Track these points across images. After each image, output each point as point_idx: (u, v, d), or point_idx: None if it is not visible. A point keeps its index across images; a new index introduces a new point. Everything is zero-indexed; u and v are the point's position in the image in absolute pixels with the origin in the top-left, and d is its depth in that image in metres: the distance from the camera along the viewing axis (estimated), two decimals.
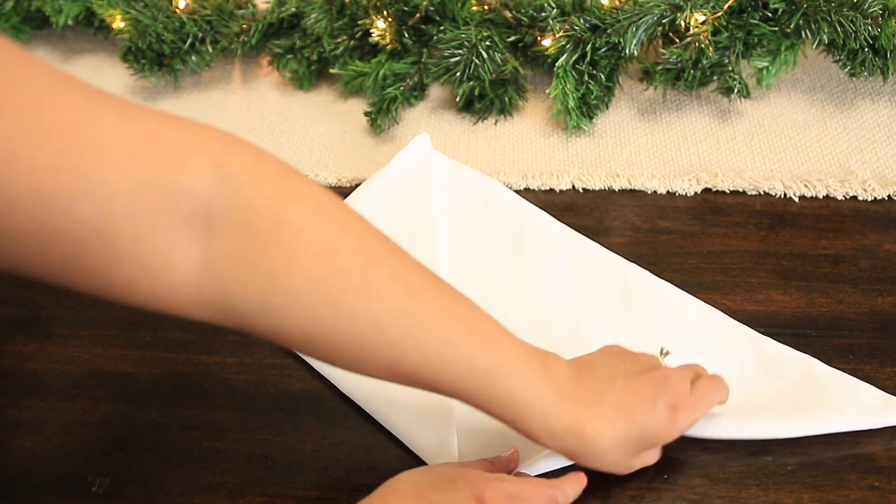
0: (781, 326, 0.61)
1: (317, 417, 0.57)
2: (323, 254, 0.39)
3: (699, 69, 0.74)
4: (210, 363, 0.61)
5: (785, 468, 0.53)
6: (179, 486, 0.54)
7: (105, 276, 0.37)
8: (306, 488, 0.54)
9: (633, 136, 0.76)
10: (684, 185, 0.71)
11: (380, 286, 0.40)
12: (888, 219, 0.68)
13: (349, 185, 0.73)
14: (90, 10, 0.84)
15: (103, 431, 0.57)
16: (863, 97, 0.79)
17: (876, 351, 0.59)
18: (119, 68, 0.85)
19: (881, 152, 0.73)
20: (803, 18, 0.71)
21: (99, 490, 0.54)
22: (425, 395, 0.56)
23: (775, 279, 0.64)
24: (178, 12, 0.80)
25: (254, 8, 0.83)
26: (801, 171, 0.72)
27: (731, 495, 0.52)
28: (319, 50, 0.80)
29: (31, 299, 0.65)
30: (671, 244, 0.66)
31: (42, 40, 0.91)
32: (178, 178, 0.36)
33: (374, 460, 0.55)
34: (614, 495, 0.53)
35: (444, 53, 0.74)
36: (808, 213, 0.69)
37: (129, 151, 0.35)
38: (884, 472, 0.53)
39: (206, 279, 0.38)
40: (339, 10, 0.80)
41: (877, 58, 0.74)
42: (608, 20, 0.73)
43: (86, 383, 0.60)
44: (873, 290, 0.63)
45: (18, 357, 0.62)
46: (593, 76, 0.74)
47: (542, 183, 0.72)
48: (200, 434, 0.57)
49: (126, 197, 0.35)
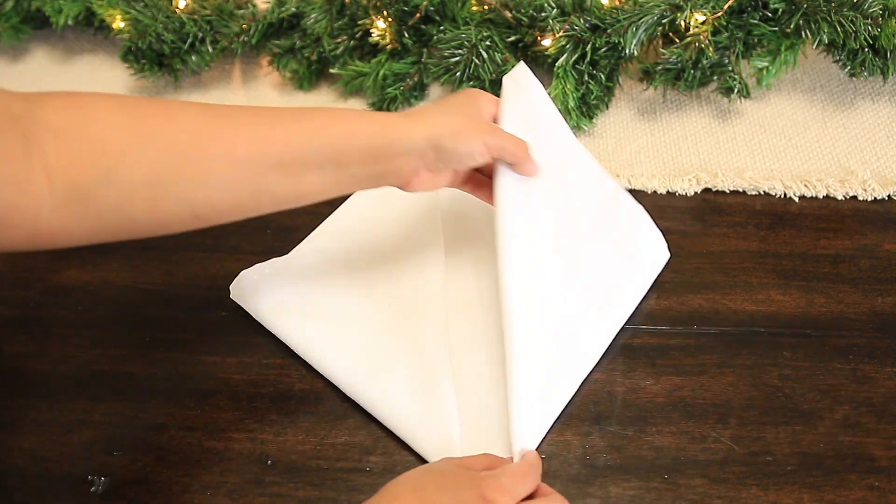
0: (781, 326, 0.61)
1: (317, 417, 0.57)
2: (120, 109, 0.46)
3: (699, 69, 0.74)
4: (210, 363, 0.61)
5: (785, 468, 0.53)
6: (179, 486, 0.54)
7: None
8: (306, 488, 0.54)
9: (633, 136, 0.76)
10: (684, 185, 0.71)
11: (177, 110, 0.47)
12: (888, 219, 0.68)
13: None
14: (90, 10, 0.84)
15: (103, 431, 0.57)
16: (863, 97, 0.79)
17: (876, 351, 0.59)
18: (119, 68, 0.85)
19: (881, 152, 0.73)
20: (803, 18, 0.71)
21: (99, 490, 0.54)
22: (426, 395, 0.57)
23: (775, 279, 0.64)
24: (178, 12, 0.80)
25: (254, 8, 0.83)
26: (801, 171, 0.72)
27: (731, 495, 0.52)
28: (319, 50, 0.80)
29: (31, 299, 0.65)
30: (671, 244, 0.66)
31: (42, 40, 0.91)
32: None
33: (374, 460, 0.55)
34: (614, 495, 0.53)
35: (444, 53, 0.74)
36: (808, 213, 0.69)
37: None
38: (884, 472, 0.53)
39: (54, 178, 0.42)
40: (339, 10, 0.80)
41: (877, 58, 0.74)
42: (608, 20, 0.73)
43: (86, 383, 0.60)
44: (873, 290, 0.63)
45: (18, 357, 0.62)
46: (593, 76, 0.74)
47: None
48: (200, 434, 0.57)
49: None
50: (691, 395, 0.57)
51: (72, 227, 0.44)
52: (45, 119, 0.43)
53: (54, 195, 0.43)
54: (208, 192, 0.47)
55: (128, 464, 0.55)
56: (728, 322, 0.61)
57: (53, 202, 0.43)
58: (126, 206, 0.45)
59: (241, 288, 0.62)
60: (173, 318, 0.64)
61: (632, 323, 0.61)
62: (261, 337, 0.62)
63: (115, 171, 0.44)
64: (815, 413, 0.56)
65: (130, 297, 0.65)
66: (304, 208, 0.69)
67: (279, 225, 0.69)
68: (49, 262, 0.68)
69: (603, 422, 0.56)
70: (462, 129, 0.52)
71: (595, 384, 0.58)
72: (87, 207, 0.44)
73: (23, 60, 0.89)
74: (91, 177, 0.43)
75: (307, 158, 0.48)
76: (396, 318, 0.61)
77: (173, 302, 0.65)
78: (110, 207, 0.44)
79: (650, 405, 0.57)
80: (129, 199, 0.45)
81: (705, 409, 0.57)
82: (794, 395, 0.57)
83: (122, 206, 0.45)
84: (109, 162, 0.44)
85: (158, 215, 0.46)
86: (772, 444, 0.55)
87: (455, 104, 0.54)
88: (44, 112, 0.43)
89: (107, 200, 0.44)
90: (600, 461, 0.54)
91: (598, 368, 0.59)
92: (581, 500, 0.53)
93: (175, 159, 0.45)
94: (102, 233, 0.46)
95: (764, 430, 0.55)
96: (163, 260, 0.67)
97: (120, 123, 0.45)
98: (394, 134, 0.50)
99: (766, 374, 0.58)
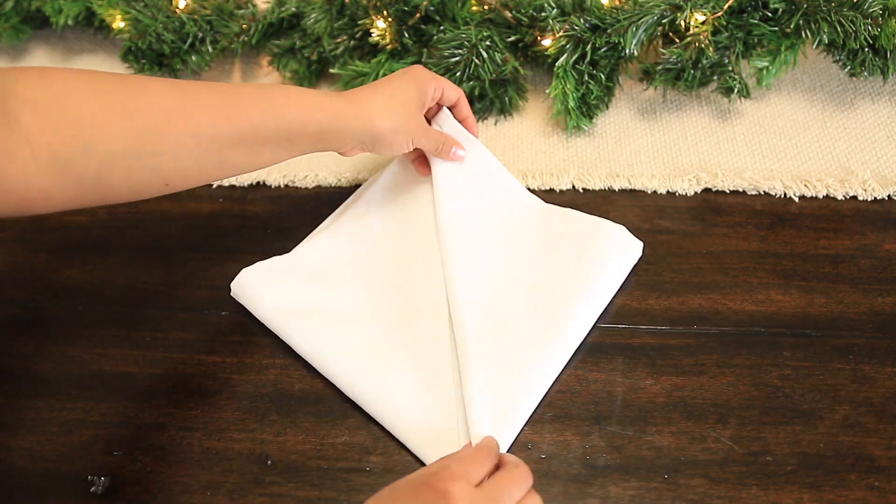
0: (781, 326, 0.61)
1: (317, 417, 0.57)
2: (92, 84, 0.49)
3: (699, 69, 0.74)
4: (210, 363, 0.61)
5: (785, 468, 0.53)
6: (179, 486, 0.54)
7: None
8: (306, 488, 0.54)
9: (633, 136, 0.76)
10: (684, 185, 0.71)
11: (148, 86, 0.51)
12: (888, 219, 0.68)
13: (349, 186, 0.73)
14: (90, 10, 0.84)
15: (103, 431, 0.57)
16: (863, 97, 0.79)
17: (876, 351, 0.59)
18: (119, 68, 0.85)
19: (881, 152, 0.73)
20: (803, 18, 0.71)
21: (99, 490, 0.54)
22: (425, 395, 0.57)
23: (775, 279, 0.64)
24: (178, 12, 0.80)
25: (254, 8, 0.83)
26: (801, 171, 0.72)
27: (731, 495, 0.52)
28: (319, 50, 0.80)
29: (31, 299, 0.65)
30: (671, 244, 0.66)
31: (42, 40, 0.91)
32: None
33: (374, 460, 0.55)
34: (614, 495, 0.53)
35: (444, 53, 0.74)
36: (808, 213, 0.69)
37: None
38: (884, 472, 0.53)
39: (37, 147, 0.46)
40: (339, 10, 0.80)
41: (877, 58, 0.74)
42: (608, 20, 0.73)
43: (86, 383, 0.60)
44: (873, 290, 0.63)
45: (18, 357, 0.62)
46: (593, 76, 0.74)
47: (542, 183, 0.72)
48: (200, 434, 0.57)
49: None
50: (691, 395, 0.57)
51: (55, 192, 0.48)
52: (20, 92, 0.46)
53: (38, 163, 0.46)
54: (178, 164, 0.51)
55: (128, 464, 0.55)
56: (728, 322, 0.61)
57: (38, 169, 0.46)
58: (105, 175, 0.49)
59: (241, 286, 0.62)
60: (173, 318, 0.64)
61: (632, 323, 0.61)
62: (261, 337, 0.62)
63: (95, 143, 0.48)
64: (815, 413, 0.56)
65: (130, 297, 0.65)
66: (304, 208, 0.70)
67: (279, 225, 0.69)
68: (49, 262, 0.68)
69: (603, 422, 0.56)
70: (399, 129, 0.60)
71: (595, 384, 0.58)
72: (69, 175, 0.48)
73: (23, 60, 0.89)
74: (72, 147, 0.47)
75: (265, 136, 0.54)
76: (396, 318, 0.61)
77: (173, 302, 0.65)
78: (90, 176, 0.48)
79: (650, 405, 0.57)
80: (107, 170, 0.49)
81: (705, 409, 0.57)
82: (794, 395, 0.57)
83: (101, 175, 0.49)
84: (90, 133, 0.47)
85: (133, 184, 0.51)
86: (772, 444, 0.55)
87: (401, 95, 0.60)
88: (17, 86, 0.46)
89: (87, 170, 0.48)
90: (600, 461, 0.54)
91: (599, 368, 0.59)
92: (581, 500, 0.53)
93: (150, 134, 0.49)
94: (82, 198, 0.50)
95: (764, 430, 0.55)
96: (163, 260, 0.67)
97: (94, 98, 0.48)
98: (341, 124, 0.57)
99: (766, 374, 0.58)
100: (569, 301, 0.60)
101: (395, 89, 0.60)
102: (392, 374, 0.58)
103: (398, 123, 0.59)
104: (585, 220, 0.65)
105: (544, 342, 0.58)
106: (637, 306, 0.62)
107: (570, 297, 0.60)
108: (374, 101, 0.59)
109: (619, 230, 0.64)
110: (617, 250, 0.63)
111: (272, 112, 0.54)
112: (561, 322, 0.59)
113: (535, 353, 0.58)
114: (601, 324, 0.61)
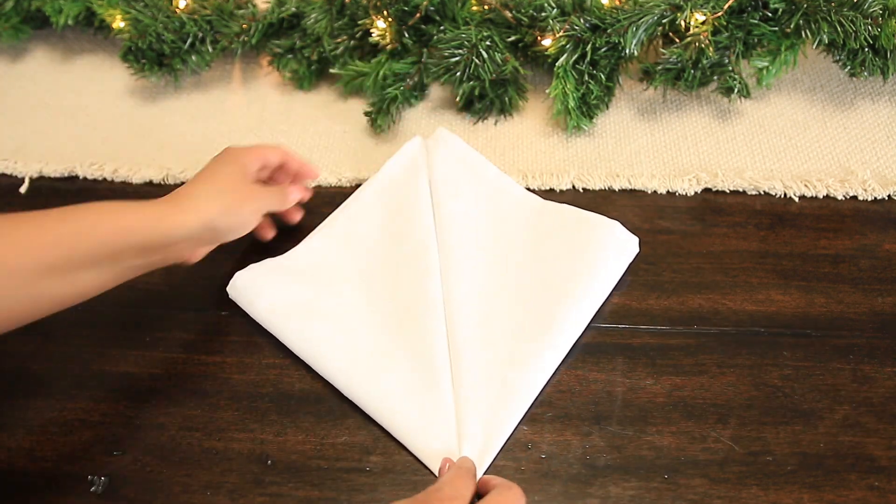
0: (781, 326, 0.61)
1: (317, 417, 0.57)
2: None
3: (699, 69, 0.74)
4: (210, 363, 0.61)
5: (785, 468, 0.53)
6: (179, 486, 0.54)
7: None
8: (306, 488, 0.54)
9: (633, 136, 0.76)
10: (684, 185, 0.71)
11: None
12: (888, 219, 0.68)
13: (349, 185, 0.73)
14: (90, 10, 0.84)
15: (103, 431, 0.57)
16: (863, 97, 0.79)
17: (876, 351, 0.59)
18: (119, 68, 0.85)
19: (881, 152, 0.73)
20: (803, 18, 0.71)
21: (99, 490, 0.54)
22: (422, 394, 0.57)
23: (775, 279, 0.64)
24: (178, 12, 0.80)
25: (254, 8, 0.83)
26: (801, 171, 0.72)
27: (731, 495, 0.52)
28: (319, 50, 0.80)
29: None
30: (671, 244, 0.66)
31: (42, 40, 0.91)
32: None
33: (374, 460, 0.55)
34: (614, 495, 0.53)
35: (444, 53, 0.74)
36: (808, 213, 0.69)
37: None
38: (884, 472, 0.53)
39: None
40: (339, 10, 0.80)
41: (877, 58, 0.74)
42: (608, 20, 0.73)
43: (86, 383, 0.60)
44: (873, 290, 0.63)
45: (18, 357, 0.62)
46: (593, 76, 0.74)
47: (542, 183, 0.72)
48: (200, 434, 0.57)
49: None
50: (691, 394, 0.57)
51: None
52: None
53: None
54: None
55: (128, 464, 0.55)
56: (728, 322, 0.61)
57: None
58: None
59: (237, 288, 0.62)
60: (173, 318, 0.64)
61: (632, 323, 0.62)
62: (261, 337, 0.62)
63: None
64: (815, 413, 0.56)
65: (130, 297, 0.65)
66: (304, 208, 0.70)
67: (279, 225, 0.69)
68: None
69: (603, 422, 0.56)
70: (231, 204, 0.56)
71: (595, 384, 0.58)
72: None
73: (23, 60, 0.89)
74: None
75: (80, 259, 0.50)
76: (393, 319, 0.61)
77: (173, 302, 0.65)
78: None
79: (650, 405, 0.57)
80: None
81: (705, 409, 0.57)
82: (794, 395, 0.57)
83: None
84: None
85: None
86: (772, 444, 0.55)
87: (221, 176, 0.57)
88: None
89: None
90: (600, 461, 0.54)
91: (599, 368, 0.59)
92: (581, 500, 0.53)
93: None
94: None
95: (764, 430, 0.55)
96: None
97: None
98: (166, 226, 0.53)
99: (766, 374, 0.58)
100: (564, 298, 0.60)
101: (211, 173, 0.58)
102: (388, 374, 0.58)
103: (227, 200, 0.56)
104: (581, 217, 0.65)
105: (539, 339, 0.58)
106: (637, 306, 0.62)
107: (564, 293, 0.60)
108: (195, 192, 0.56)
109: (614, 226, 0.64)
110: (612, 246, 0.63)
111: (84, 231, 0.50)
112: (556, 319, 0.59)
113: (530, 350, 0.58)
114: (601, 324, 0.61)
